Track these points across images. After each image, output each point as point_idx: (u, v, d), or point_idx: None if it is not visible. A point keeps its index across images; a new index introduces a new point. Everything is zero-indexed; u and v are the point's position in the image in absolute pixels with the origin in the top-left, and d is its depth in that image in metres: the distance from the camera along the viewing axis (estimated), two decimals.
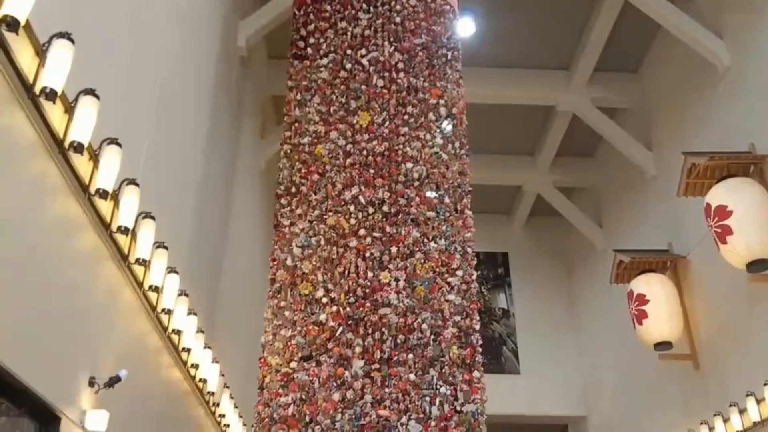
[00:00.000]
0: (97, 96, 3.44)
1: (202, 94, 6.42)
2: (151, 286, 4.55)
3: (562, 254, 12.35)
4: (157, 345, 4.96)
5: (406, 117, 6.13)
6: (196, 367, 5.71)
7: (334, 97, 6.23)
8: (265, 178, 9.37)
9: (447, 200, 5.90)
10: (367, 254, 5.57)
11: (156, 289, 4.60)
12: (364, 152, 5.96)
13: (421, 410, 5.06)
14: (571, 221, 11.25)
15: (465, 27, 8.41)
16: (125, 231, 3.99)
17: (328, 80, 6.32)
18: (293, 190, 5.92)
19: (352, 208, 5.74)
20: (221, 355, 6.44)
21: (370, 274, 5.50)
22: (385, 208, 5.75)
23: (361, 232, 5.64)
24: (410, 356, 5.22)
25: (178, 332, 5.17)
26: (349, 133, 6.05)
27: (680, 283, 8.18)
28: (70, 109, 3.40)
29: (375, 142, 5.99)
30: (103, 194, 3.65)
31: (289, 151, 6.10)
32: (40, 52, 3.11)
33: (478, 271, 6.35)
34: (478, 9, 8.65)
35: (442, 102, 6.26)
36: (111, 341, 4.14)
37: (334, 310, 5.37)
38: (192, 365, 5.63)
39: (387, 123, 6.08)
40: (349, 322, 5.34)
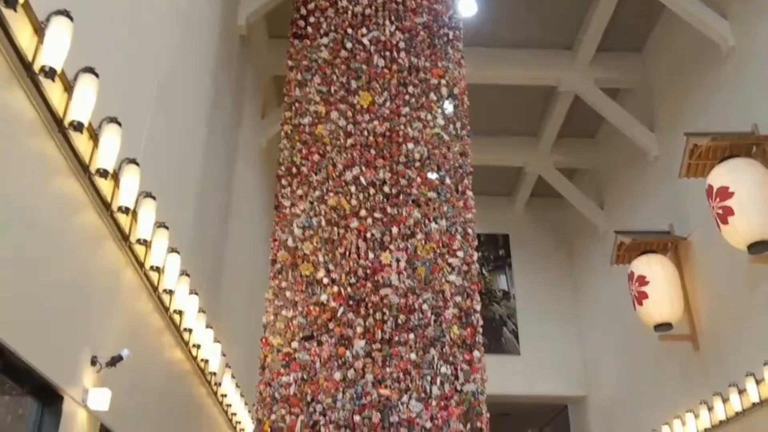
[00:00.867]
0: (97, 74, 3.42)
1: (202, 73, 6.38)
2: (152, 266, 4.55)
3: (563, 236, 12.34)
4: (159, 325, 4.98)
5: (407, 97, 6.10)
6: (197, 347, 5.73)
7: (335, 77, 6.20)
8: (267, 158, 9.35)
9: (448, 181, 5.89)
10: (368, 235, 5.58)
11: (157, 269, 4.61)
12: (365, 132, 5.94)
13: (421, 389, 5.10)
14: (572, 202, 11.22)
15: (467, 6, 8.32)
16: (126, 211, 3.98)
17: (328, 60, 6.28)
18: (294, 170, 5.91)
19: (353, 188, 5.74)
20: (223, 335, 6.46)
21: (371, 254, 5.51)
22: (386, 189, 5.75)
23: (362, 212, 5.64)
24: (411, 336, 5.25)
25: (180, 312, 5.19)
26: (349, 114, 6.02)
27: (681, 265, 8.18)
28: (69, 87, 3.38)
29: (376, 123, 5.97)
30: (103, 174, 3.64)
31: (289, 132, 6.08)
32: (39, 29, 3.09)
33: (479, 253, 6.34)
34: None
35: (443, 82, 6.24)
36: (113, 321, 4.15)
37: (335, 290, 5.39)
38: (194, 345, 5.65)
39: (388, 103, 6.05)
40: (350, 303, 5.36)
